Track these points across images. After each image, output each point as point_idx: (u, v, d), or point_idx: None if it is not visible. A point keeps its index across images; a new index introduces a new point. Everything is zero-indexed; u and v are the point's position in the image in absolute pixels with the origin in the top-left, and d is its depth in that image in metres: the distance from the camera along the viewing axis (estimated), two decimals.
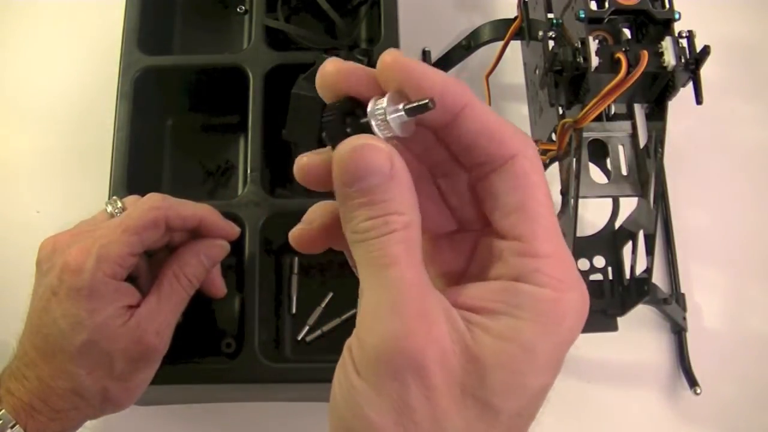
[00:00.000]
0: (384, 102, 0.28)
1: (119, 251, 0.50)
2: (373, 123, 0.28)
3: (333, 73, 0.29)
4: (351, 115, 0.28)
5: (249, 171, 0.65)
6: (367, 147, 0.27)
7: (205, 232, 0.57)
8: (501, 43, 0.70)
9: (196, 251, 0.56)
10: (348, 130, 0.28)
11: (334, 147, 0.28)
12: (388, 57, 0.28)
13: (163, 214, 0.53)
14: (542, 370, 0.27)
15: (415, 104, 0.27)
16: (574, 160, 0.58)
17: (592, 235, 0.68)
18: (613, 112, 0.62)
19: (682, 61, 0.55)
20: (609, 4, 0.57)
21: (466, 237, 0.31)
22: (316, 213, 0.32)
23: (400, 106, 0.28)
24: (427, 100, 0.27)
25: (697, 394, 0.68)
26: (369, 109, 0.28)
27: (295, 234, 0.33)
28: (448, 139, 0.29)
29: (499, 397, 0.26)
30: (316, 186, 0.30)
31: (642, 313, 0.70)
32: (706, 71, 0.57)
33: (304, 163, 0.30)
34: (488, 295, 0.27)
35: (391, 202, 0.27)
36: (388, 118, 0.28)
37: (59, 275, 0.50)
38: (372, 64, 0.66)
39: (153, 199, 0.54)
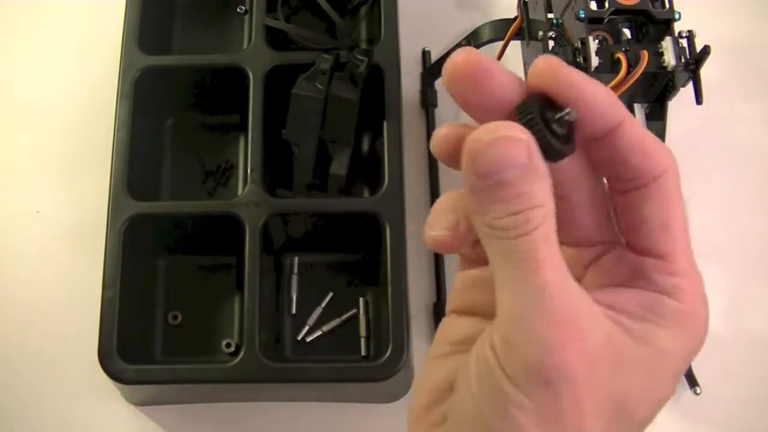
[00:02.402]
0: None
1: None
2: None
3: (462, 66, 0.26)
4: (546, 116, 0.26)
5: (249, 171, 0.65)
6: (506, 139, 0.25)
7: None
8: (501, 43, 0.70)
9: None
10: (557, 130, 0.26)
11: (549, 158, 0.26)
12: (542, 62, 0.26)
13: None
14: (672, 378, 0.28)
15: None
16: None
17: None
18: None
19: (682, 61, 0.55)
20: (609, 4, 0.57)
21: (577, 253, 0.30)
22: (456, 214, 0.29)
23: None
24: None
25: (697, 394, 0.68)
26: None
27: (437, 240, 0.29)
28: (596, 153, 0.28)
29: (634, 400, 0.26)
30: (452, 163, 0.28)
31: None
32: (706, 71, 0.57)
33: (446, 134, 0.28)
34: (632, 299, 0.28)
35: (531, 194, 0.25)
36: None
37: None
38: (372, 64, 0.67)
39: None
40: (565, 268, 0.26)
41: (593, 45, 0.55)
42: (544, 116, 0.26)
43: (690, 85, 0.57)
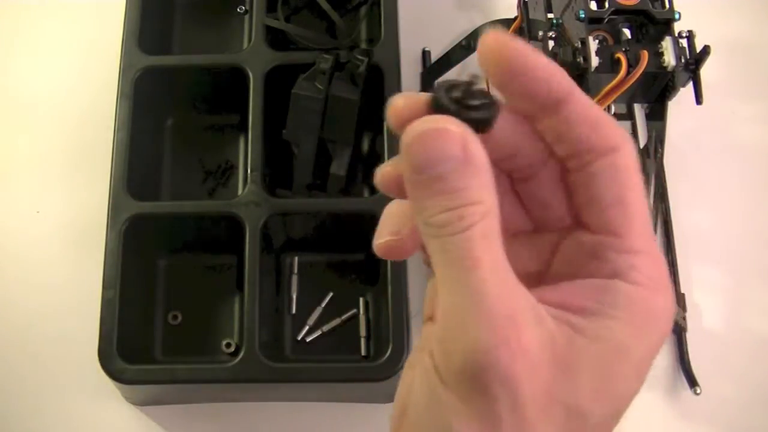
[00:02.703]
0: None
1: None
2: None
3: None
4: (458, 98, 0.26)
5: (249, 171, 0.65)
6: (436, 131, 0.25)
7: None
8: None
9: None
10: (471, 103, 0.26)
11: (481, 129, 0.26)
12: (490, 39, 0.26)
13: None
14: (633, 374, 0.26)
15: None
16: None
17: None
18: (613, 112, 0.62)
19: (682, 61, 0.55)
20: (609, 4, 0.57)
21: (545, 237, 0.30)
22: (399, 219, 0.30)
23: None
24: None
25: (697, 394, 0.68)
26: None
27: (382, 247, 0.30)
28: (547, 126, 0.27)
29: (590, 401, 0.25)
30: (400, 195, 0.29)
31: None
32: (706, 71, 0.57)
33: (384, 172, 0.29)
34: (582, 292, 0.26)
35: (467, 190, 0.25)
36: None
37: None
38: (372, 64, 0.67)
39: None
40: (505, 267, 0.25)
41: (593, 45, 0.55)
42: (452, 96, 0.26)
43: (690, 85, 0.57)
